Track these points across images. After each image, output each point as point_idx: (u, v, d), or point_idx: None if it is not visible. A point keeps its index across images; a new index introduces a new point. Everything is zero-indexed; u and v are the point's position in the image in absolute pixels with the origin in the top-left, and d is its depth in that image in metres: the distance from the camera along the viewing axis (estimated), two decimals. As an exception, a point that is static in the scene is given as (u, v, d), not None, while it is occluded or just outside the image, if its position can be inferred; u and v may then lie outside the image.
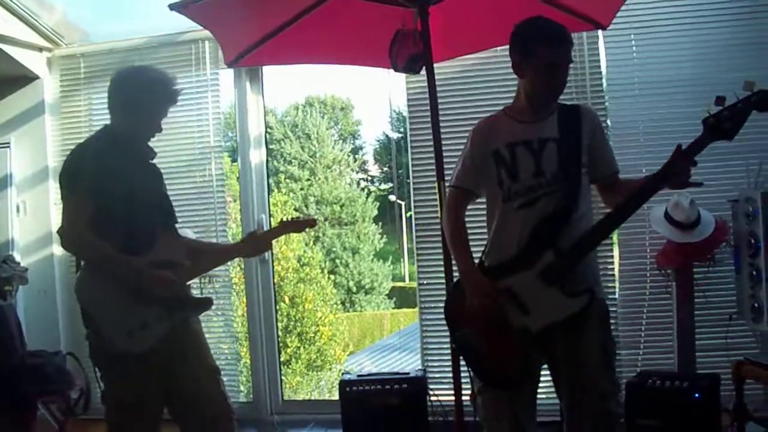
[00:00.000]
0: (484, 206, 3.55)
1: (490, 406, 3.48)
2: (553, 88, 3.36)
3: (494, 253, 3.44)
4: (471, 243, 3.47)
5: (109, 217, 3.39)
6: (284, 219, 4.00)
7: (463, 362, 3.69)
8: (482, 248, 3.52)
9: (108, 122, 3.67)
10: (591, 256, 3.38)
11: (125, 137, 3.58)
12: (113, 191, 3.39)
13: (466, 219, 3.54)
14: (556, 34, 3.30)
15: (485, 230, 3.55)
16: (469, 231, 3.51)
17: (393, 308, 25.89)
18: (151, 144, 3.73)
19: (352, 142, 33.21)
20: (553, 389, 3.45)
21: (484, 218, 3.55)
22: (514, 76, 3.36)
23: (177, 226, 3.80)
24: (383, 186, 33.20)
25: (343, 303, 24.22)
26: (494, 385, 3.45)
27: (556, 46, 3.27)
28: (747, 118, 3.09)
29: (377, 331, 22.49)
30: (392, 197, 30.37)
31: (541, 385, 3.53)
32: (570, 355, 3.28)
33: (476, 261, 3.48)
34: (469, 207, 3.57)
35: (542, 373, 3.50)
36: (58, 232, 3.45)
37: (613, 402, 3.32)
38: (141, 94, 3.56)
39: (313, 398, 14.03)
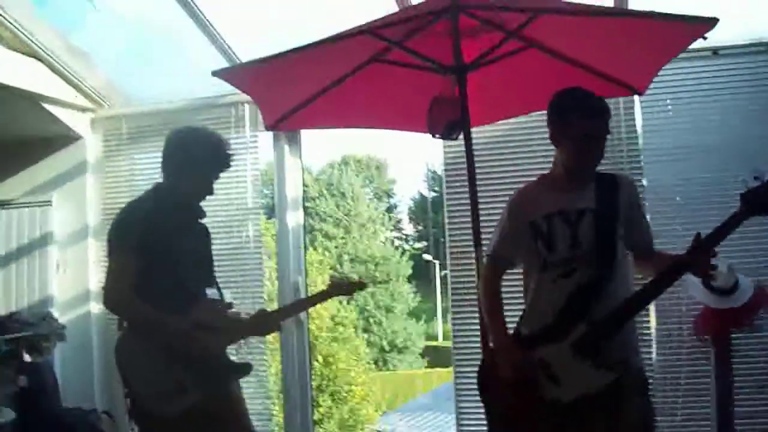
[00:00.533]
0: (521, 274, 3.54)
1: None
2: (590, 159, 3.36)
3: (529, 322, 3.44)
4: (507, 309, 3.48)
5: (154, 277, 3.41)
6: (333, 280, 3.99)
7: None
8: (518, 316, 3.52)
9: (157, 180, 3.71)
10: (625, 328, 3.33)
11: (178, 197, 3.62)
12: (160, 252, 3.42)
13: (504, 285, 3.54)
14: (593, 106, 3.31)
15: (521, 297, 3.55)
16: (505, 298, 3.51)
17: (426, 367, 25.74)
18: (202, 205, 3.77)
19: (386, 200, 33.36)
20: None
21: (521, 285, 3.54)
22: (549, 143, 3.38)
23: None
24: (417, 245, 33.24)
25: (375, 362, 24.13)
26: None
27: (592, 119, 3.28)
28: None
29: (410, 391, 22.31)
30: (427, 256, 30.37)
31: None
32: (605, 426, 3.24)
33: (512, 328, 3.49)
34: (507, 274, 3.57)
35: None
36: (102, 288, 3.48)
37: None
38: (199, 156, 3.61)
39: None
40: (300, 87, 4.21)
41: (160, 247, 3.43)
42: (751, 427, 4.94)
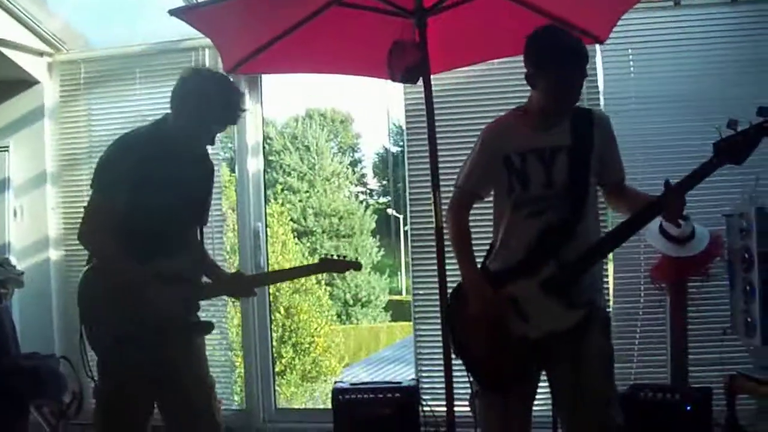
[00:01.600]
0: (489, 208, 3.56)
1: (485, 411, 3.55)
2: (567, 102, 3.35)
3: (499, 258, 3.46)
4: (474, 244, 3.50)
5: (135, 217, 3.34)
6: (326, 256, 3.91)
7: (456, 372, 3.72)
8: (484, 250, 3.54)
9: (165, 113, 3.59)
10: (594, 268, 3.38)
11: (178, 138, 3.51)
12: (145, 191, 3.34)
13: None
14: (573, 50, 3.27)
15: (488, 232, 3.57)
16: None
17: (389, 321, 25.88)
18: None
19: (351, 155, 33.27)
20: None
21: (488, 220, 3.56)
22: (511, 89, 3.37)
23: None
24: (382, 199, 33.23)
25: (339, 315, 24.20)
26: (491, 389, 3.47)
27: (571, 63, 3.26)
28: (758, 144, 3.11)
29: (373, 344, 22.44)
30: (390, 211, 30.39)
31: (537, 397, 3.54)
32: (571, 364, 3.28)
33: (478, 263, 3.51)
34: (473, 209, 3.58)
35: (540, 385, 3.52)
36: (81, 220, 3.42)
37: (615, 409, 3.33)
38: (215, 106, 3.47)
39: (306, 408, 13.97)
40: (259, 30, 4.16)
41: (146, 186, 3.34)
42: (705, 374, 5.05)
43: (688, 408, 4.46)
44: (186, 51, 6.07)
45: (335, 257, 3.89)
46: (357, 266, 3.92)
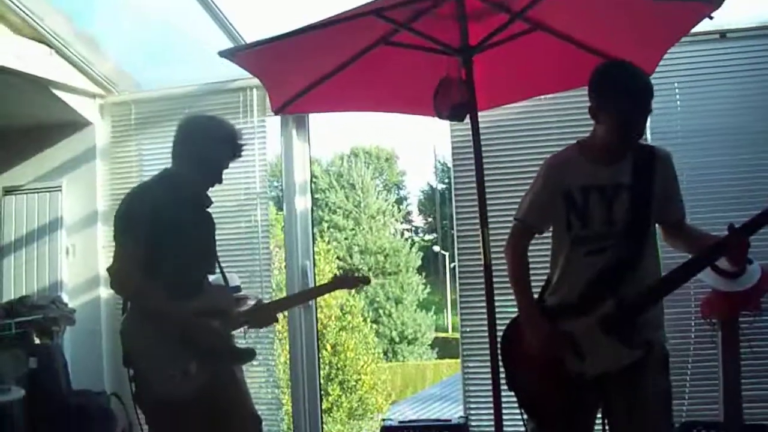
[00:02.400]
0: (547, 242, 3.55)
1: None
2: (630, 137, 3.31)
3: (557, 294, 3.44)
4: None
5: (160, 262, 3.44)
6: (336, 274, 3.99)
7: (507, 410, 3.69)
8: (539, 285, 3.53)
9: (166, 166, 3.72)
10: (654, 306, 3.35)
11: (185, 184, 3.63)
12: (167, 236, 3.44)
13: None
14: (640, 87, 3.24)
15: (544, 266, 3.55)
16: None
17: (435, 359, 25.76)
18: (208, 193, 3.78)
19: (396, 192, 33.36)
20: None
21: (545, 254, 3.55)
22: (558, 125, 3.34)
23: (225, 270, 3.85)
24: (427, 237, 33.24)
25: (385, 353, 24.16)
26: (545, 426, 3.46)
27: (637, 100, 3.23)
28: None
29: (419, 381, 22.36)
30: (436, 248, 30.38)
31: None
32: (628, 401, 3.26)
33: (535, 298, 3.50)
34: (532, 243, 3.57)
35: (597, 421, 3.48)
36: (108, 270, 3.50)
37: None
38: (210, 145, 3.63)
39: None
40: (306, 69, 4.21)
41: (165, 230, 3.44)
42: (759, 410, 4.96)
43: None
44: (234, 91, 6.15)
45: (347, 274, 3.99)
46: (366, 281, 4.08)
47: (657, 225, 3.48)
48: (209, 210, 3.86)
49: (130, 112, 6.49)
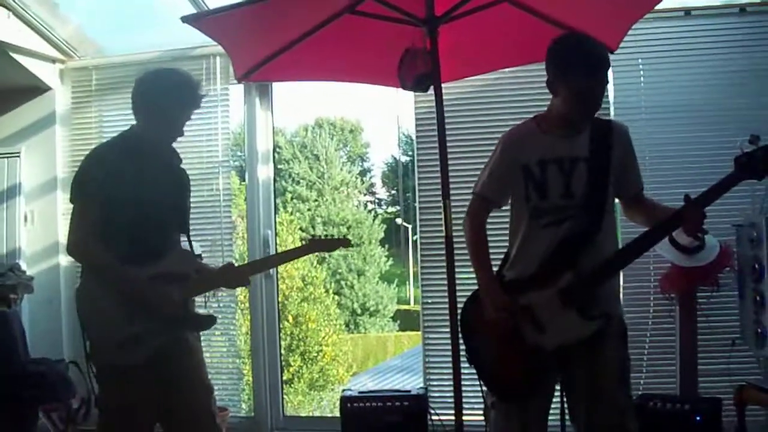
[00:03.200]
0: (505, 216, 3.56)
1: (500, 421, 3.51)
2: (588, 110, 3.32)
3: (516, 267, 3.44)
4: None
5: (119, 224, 3.39)
6: (314, 236, 3.92)
7: (467, 381, 3.71)
8: (499, 259, 3.53)
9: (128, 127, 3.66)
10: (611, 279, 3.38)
11: (147, 141, 3.57)
12: (125, 197, 3.39)
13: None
14: (596, 58, 3.25)
15: (503, 240, 3.56)
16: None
17: (397, 331, 25.87)
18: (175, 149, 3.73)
19: (360, 164, 33.31)
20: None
21: (503, 228, 3.57)
22: (522, 98, 3.34)
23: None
24: (390, 209, 33.25)
25: (347, 324, 24.23)
26: (505, 399, 3.47)
27: (593, 71, 3.23)
28: None
29: (381, 353, 22.44)
30: (399, 220, 30.40)
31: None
32: (587, 372, 3.29)
33: (494, 271, 3.50)
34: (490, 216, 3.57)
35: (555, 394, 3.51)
36: (67, 235, 3.46)
37: (630, 417, 3.31)
38: (165, 95, 3.55)
39: (314, 415, 13.97)
40: (270, 37, 4.17)
41: (124, 192, 3.39)
42: (714, 384, 5.04)
43: (698, 418, 4.47)
44: (197, 59, 6.10)
45: (323, 237, 3.90)
46: (346, 243, 3.94)
47: (617, 199, 3.50)
48: (182, 167, 3.79)
49: (90, 77, 6.42)
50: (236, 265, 4.03)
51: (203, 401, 3.64)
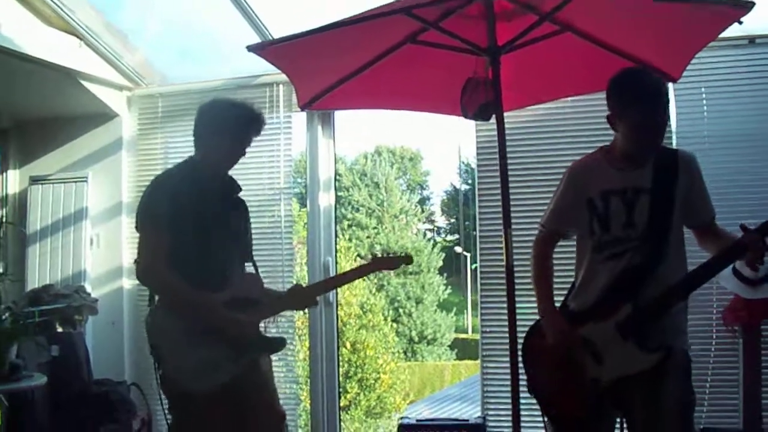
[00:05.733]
0: (572, 248, 3.56)
1: None
2: (647, 144, 3.30)
3: (578, 299, 3.45)
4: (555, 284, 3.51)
5: (186, 251, 3.42)
6: (376, 255, 3.95)
7: (525, 411, 3.69)
8: (566, 290, 3.54)
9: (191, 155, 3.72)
10: (673, 311, 3.32)
11: (207, 168, 3.62)
12: (190, 223, 3.42)
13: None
14: (652, 92, 3.23)
15: (569, 271, 3.57)
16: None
17: (455, 360, 25.73)
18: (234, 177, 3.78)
19: (419, 192, 33.35)
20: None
21: (571, 259, 3.57)
22: (584, 127, 3.33)
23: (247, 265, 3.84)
24: (449, 237, 33.20)
25: (404, 352, 24.16)
26: (563, 429, 3.46)
27: (650, 106, 3.22)
28: None
29: (438, 382, 22.33)
30: (458, 248, 30.34)
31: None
32: (648, 408, 3.24)
33: (559, 303, 3.51)
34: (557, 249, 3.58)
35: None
36: (135, 261, 3.50)
37: None
38: (224, 122, 3.61)
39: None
40: (334, 66, 4.22)
41: (189, 221, 3.43)
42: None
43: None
44: (261, 87, 6.16)
45: (386, 255, 3.92)
46: (408, 260, 3.98)
47: (689, 229, 3.47)
48: (239, 196, 3.84)
49: (157, 104, 6.53)
50: (303, 287, 4.07)
51: (275, 427, 3.66)
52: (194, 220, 3.46)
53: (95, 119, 6.57)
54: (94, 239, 6.49)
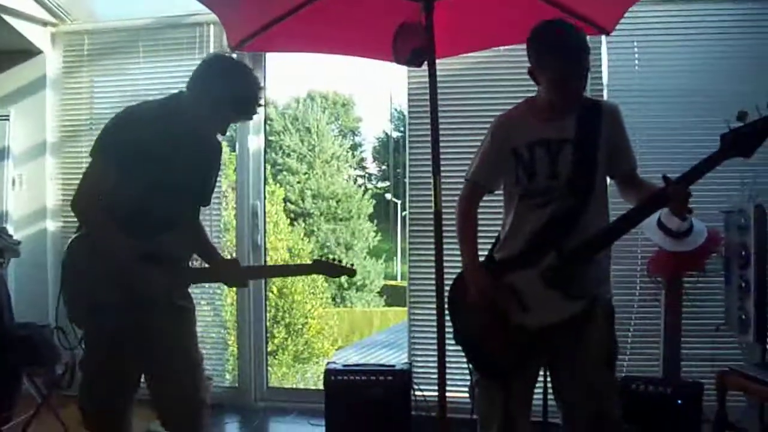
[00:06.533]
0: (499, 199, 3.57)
1: (484, 398, 3.55)
2: (568, 97, 3.32)
3: (504, 248, 3.47)
4: (482, 233, 3.53)
5: (128, 191, 3.31)
6: (321, 258, 3.89)
7: (451, 358, 3.73)
8: (493, 239, 3.56)
9: (178, 90, 3.55)
10: (597, 259, 3.36)
11: (190, 119, 3.45)
12: (142, 168, 3.29)
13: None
14: (570, 45, 3.23)
15: (495, 222, 3.58)
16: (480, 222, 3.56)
17: (383, 306, 25.95)
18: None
19: (351, 138, 33.28)
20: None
21: (495, 210, 3.60)
22: (517, 77, 3.33)
23: None
24: (380, 184, 33.30)
25: (333, 298, 24.28)
26: (490, 377, 3.50)
27: (568, 59, 3.22)
28: (767, 137, 3.05)
29: (366, 328, 22.50)
30: (388, 196, 30.44)
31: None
32: (571, 354, 3.31)
33: (486, 252, 3.53)
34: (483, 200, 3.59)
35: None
36: (77, 189, 3.39)
37: (613, 403, 3.34)
38: (236, 101, 3.44)
39: (298, 387, 14.00)
40: (266, 7, 4.14)
41: (143, 162, 3.28)
42: (697, 369, 5.08)
43: (679, 402, 4.50)
44: (191, 26, 6.06)
45: (330, 260, 3.89)
46: (351, 272, 3.91)
47: (612, 179, 3.51)
48: (213, 154, 3.73)
49: (83, 42, 6.37)
50: (242, 266, 3.97)
51: (189, 372, 3.57)
52: (147, 164, 3.30)
53: (18, 56, 6.38)
54: (16, 180, 6.35)
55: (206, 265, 3.78)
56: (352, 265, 3.95)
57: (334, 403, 5.16)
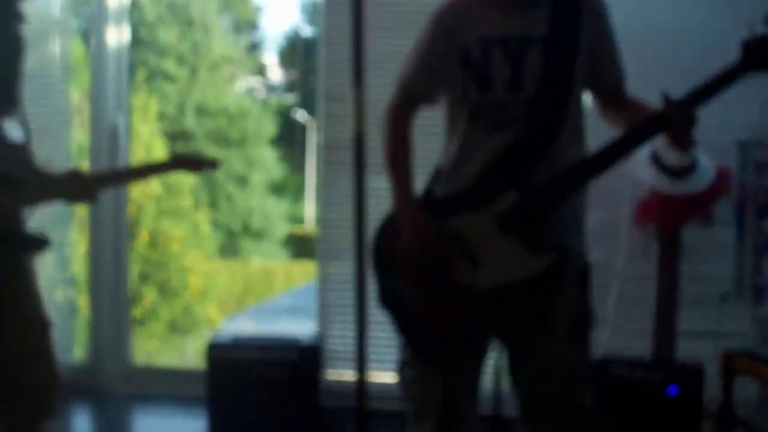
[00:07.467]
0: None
1: (417, 383, 3.48)
2: None
3: (447, 182, 3.39)
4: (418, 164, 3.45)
5: None
6: (177, 153, 3.87)
7: (374, 330, 3.72)
8: (430, 169, 3.49)
9: None
10: (570, 202, 3.30)
11: None
12: None
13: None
14: None
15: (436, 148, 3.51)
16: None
17: (288, 259, 26.05)
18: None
19: (249, 35, 33.07)
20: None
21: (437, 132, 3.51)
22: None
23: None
24: (286, 97, 33.21)
25: (222, 249, 24.27)
26: (426, 356, 3.45)
27: None
28: None
29: (266, 288, 22.57)
30: (297, 113, 30.38)
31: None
32: (532, 324, 3.27)
33: (422, 187, 3.46)
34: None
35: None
36: None
37: (584, 388, 3.32)
38: None
39: (172, 366, 13.99)
40: None
41: None
42: (697, 348, 5.12)
43: (672, 390, 4.56)
44: None
45: (189, 153, 3.90)
46: (213, 164, 3.90)
47: (593, 95, 3.47)
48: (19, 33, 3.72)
49: None
50: (85, 174, 3.94)
51: (36, 340, 3.60)
52: None
53: None
54: None
55: None
56: (213, 157, 3.93)
57: (220, 387, 5.16)
